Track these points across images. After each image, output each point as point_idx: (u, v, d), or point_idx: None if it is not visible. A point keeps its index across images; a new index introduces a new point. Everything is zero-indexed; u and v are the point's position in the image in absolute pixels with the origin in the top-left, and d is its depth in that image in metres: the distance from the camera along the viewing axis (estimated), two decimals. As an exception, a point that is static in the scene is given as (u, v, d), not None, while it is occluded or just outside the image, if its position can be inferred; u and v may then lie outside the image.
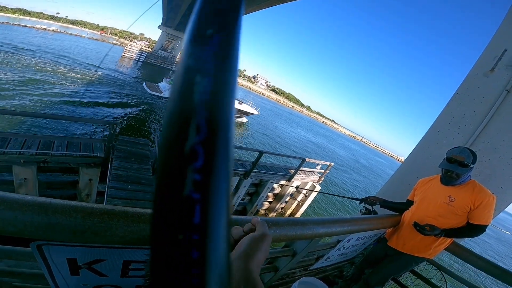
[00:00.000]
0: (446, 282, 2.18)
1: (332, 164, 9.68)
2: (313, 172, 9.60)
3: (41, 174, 4.77)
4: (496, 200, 1.66)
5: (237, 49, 0.17)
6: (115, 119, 11.70)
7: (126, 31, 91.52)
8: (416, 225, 1.77)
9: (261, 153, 7.01)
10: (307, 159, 8.37)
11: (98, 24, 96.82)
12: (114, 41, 66.62)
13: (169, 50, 40.36)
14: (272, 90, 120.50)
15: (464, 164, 1.64)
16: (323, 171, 9.58)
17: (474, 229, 1.71)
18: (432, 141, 2.71)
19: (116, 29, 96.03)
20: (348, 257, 2.22)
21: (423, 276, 2.25)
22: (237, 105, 26.45)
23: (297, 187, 9.13)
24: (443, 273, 2.19)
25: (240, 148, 7.76)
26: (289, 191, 9.14)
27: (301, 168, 8.43)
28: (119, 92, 17.25)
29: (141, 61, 36.01)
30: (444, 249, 1.95)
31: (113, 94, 16.29)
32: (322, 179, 9.59)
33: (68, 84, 15.62)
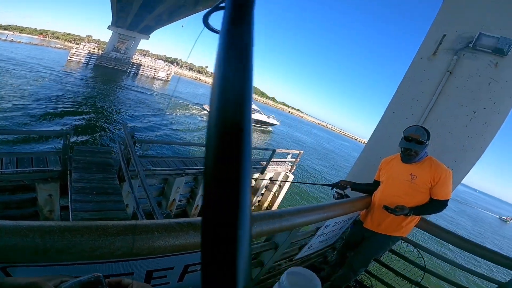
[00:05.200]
0: (423, 258, 2.31)
1: (302, 152, 9.99)
2: (285, 162, 9.82)
3: (-7, 195, 4.30)
4: (452, 173, 1.79)
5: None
6: (68, 129, 10.71)
7: (70, 34, 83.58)
8: (386, 208, 1.84)
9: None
10: (277, 150, 8.52)
11: (35, 28, 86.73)
12: (57, 45, 60.68)
13: (122, 51, 37.73)
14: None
15: (420, 142, 1.74)
16: (294, 159, 9.85)
17: (437, 205, 1.81)
18: (389, 122, 2.92)
19: (58, 32, 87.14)
20: (329, 242, 2.29)
21: (402, 254, 2.37)
22: (263, 118, 28.62)
23: (270, 179, 9.29)
24: (419, 250, 2.32)
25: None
26: (264, 184, 9.28)
27: (273, 159, 8.57)
28: (68, 98, 15.78)
29: (91, 64, 33.38)
30: (415, 226, 2.06)
31: (62, 101, 14.85)
32: (294, 168, 9.86)
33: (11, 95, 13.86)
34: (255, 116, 27.79)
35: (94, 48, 44.36)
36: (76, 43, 62.83)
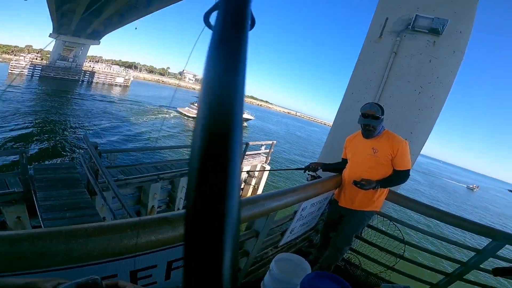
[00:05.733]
0: (400, 231, 2.39)
1: (275, 142, 10.22)
2: (259, 154, 9.97)
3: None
4: (410, 144, 1.95)
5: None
6: (22, 147, 9.77)
7: (7, 45, 74.55)
8: (355, 183, 1.90)
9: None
10: (250, 143, 8.61)
11: None
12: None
13: (70, 59, 34.76)
14: (198, 81, 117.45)
15: (376, 117, 1.85)
16: (268, 150, 10.04)
17: (400, 175, 1.92)
18: (349, 103, 3.12)
19: None
20: (310, 225, 2.32)
21: (381, 229, 2.44)
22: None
23: (248, 172, 9.39)
24: (395, 223, 2.41)
25: (181, 147, 7.49)
26: (242, 178, 9.37)
27: (247, 152, 8.66)
28: (17, 115, 14.27)
29: (36, 76, 30.48)
30: (385, 199, 2.15)
31: (9, 119, 13.40)
32: (269, 159, 10.05)
33: None
34: None
35: (36, 59, 40.28)
36: (15, 55, 56.54)
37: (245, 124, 30.90)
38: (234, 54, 0.21)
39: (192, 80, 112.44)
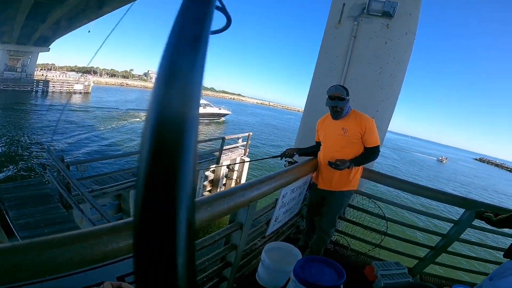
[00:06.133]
0: (380, 208, 2.48)
1: (251, 133, 10.24)
2: (237, 147, 9.98)
3: None
4: (376, 121, 2.05)
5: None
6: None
7: None
8: (330, 163, 1.93)
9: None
10: (226, 137, 8.58)
11: None
12: None
13: (19, 69, 31.67)
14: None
15: (341, 98, 1.93)
16: (245, 143, 10.07)
17: (371, 152, 2.01)
18: (317, 87, 3.23)
19: None
20: (294, 211, 2.33)
21: (362, 208, 2.50)
22: (215, 110, 28.51)
23: (228, 167, 9.38)
24: (373, 200, 2.49)
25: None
26: (223, 173, 9.34)
27: (225, 147, 8.63)
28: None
29: (-20, 90, 27.31)
30: (361, 177, 2.22)
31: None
32: (247, 151, 10.10)
33: None
34: (207, 110, 27.61)
35: (-21, 72, 36.22)
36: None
37: (222, 119, 31.10)
38: (189, 56, 0.20)
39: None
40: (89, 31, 28.49)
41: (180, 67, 0.19)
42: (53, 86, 34.41)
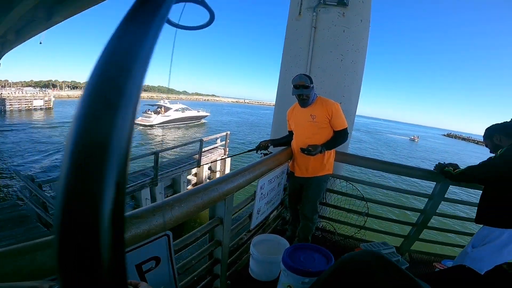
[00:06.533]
0: (358, 189, 2.55)
1: (229, 132, 10.23)
2: (216, 147, 9.94)
3: None
4: (344, 105, 2.14)
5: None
6: None
7: None
8: (302, 150, 1.99)
9: (156, 154, 6.68)
10: (204, 139, 8.53)
11: None
12: None
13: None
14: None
15: (306, 86, 2.00)
16: (224, 142, 10.05)
17: (340, 135, 2.09)
18: (285, 79, 3.31)
19: None
20: (276, 202, 2.36)
21: (341, 191, 2.57)
22: (194, 113, 29.03)
23: (210, 168, 9.32)
24: (351, 182, 2.55)
25: (135, 158, 7.07)
26: (205, 175, 9.27)
27: (204, 149, 8.57)
28: None
29: None
30: (335, 161, 2.29)
31: None
32: (227, 150, 10.09)
33: None
34: (186, 114, 28.32)
35: None
36: None
37: (202, 121, 32.01)
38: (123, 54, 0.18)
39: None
40: (40, 42, 26.47)
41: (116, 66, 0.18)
42: (10, 104, 31.72)
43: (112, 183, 0.16)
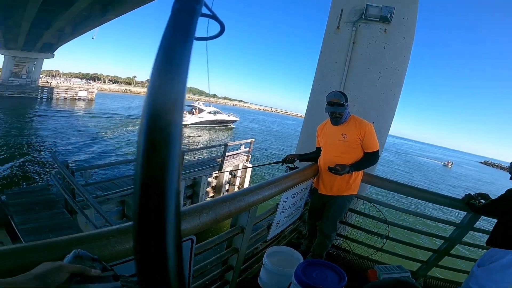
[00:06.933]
0: (381, 211, 2.46)
1: (253, 140, 10.29)
2: (240, 153, 10.01)
3: None
4: (377, 125, 2.06)
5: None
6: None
7: None
8: (330, 169, 1.95)
9: (182, 153, 6.88)
10: (229, 143, 8.64)
11: None
12: None
13: (24, 75, 32.15)
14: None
15: (340, 104, 1.96)
16: (247, 149, 10.10)
17: (370, 157, 2.03)
18: (317, 93, 3.26)
19: None
20: (295, 216, 2.33)
21: (363, 212, 2.50)
22: (225, 117, 29.80)
23: (230, 173, 9.39)
24: (374, 204, 2.46)
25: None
26: (226, 179, 9.34)
27: (227, 153, 8.66)
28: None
29: (-14, 96, 27.70)
30: (361, 182, 2.24)
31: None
32: (249, 157, 10.13)
33: None
34: (217, 117, 28.90)
35: (-15, 78, 36.74)
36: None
37: (231, 125, 32.35)
38: (173, 66, 0.22)
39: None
40: (93, 38, 29.05)
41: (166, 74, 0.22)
42: (57, 93, 34.89)
43: (174, 191, 0.20)
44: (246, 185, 9.94)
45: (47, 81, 37.83)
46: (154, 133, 0.20)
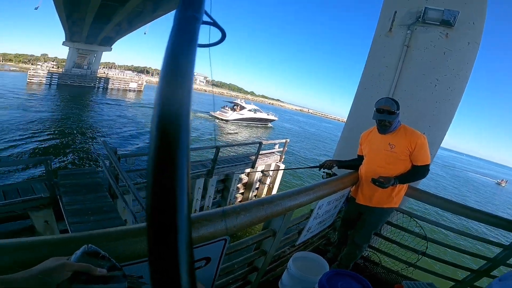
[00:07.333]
0: (422, 227, 2.32)
1: (288, 140, 10.20)
2: (273, 152, 10.00)
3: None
4: (428, 138, 1.89)
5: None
6: (47, 155, 10.34)
7: (23, 54, 77.57)
8: (373, 181, 1.85)
9: (217, 148, 7.06)
10: (264, 142, 8.67)
11: None
12: (11, 68, 56.39)
13: (85, 67, 35.97)
14: (213, 85, 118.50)
15: (391, 112, 1.82)
16: (281, 149, 10.05)
17: (419, 171, 1.89)
18: (362, 98, 3.10)
19: (9, 53, 79.19)
20: (327, 223, 2.29)
21: (401, 226, 2.37)
22: (264, 115, 30.57)
23: (262, 172, 9.44)
24: (415, 219, 2.33)
25: (197, 149, 7.62)
26: (257, 177, 9.41)
27: (261, 152, 8.71)
28: (40, 123, 14.96)
29: (54, 84, 31.61)
30: (404, 195, 2.11)
31: (35, 128, 14.06)
32: (283, 157, 10.06)
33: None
34: (257, 115, 29.71)
35: (53, 67, 41.89)
36: (32, 64, 59.03)
37: (269, 124, 32.78)
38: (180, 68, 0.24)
39: (203, 82, 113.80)
40: (145, 33, 31.35)
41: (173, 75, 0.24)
42: (112, 84, 38.53)
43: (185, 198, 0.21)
44: (276, 185, 9.91)
45: (104, 72, 41.82)
46: (163, 135, 0.21)
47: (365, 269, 2.53)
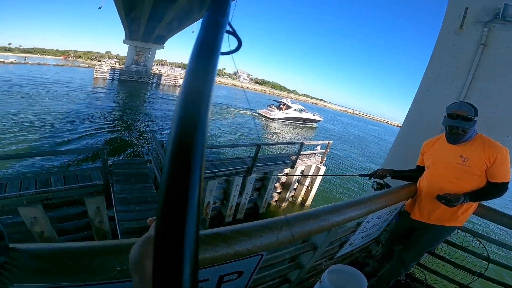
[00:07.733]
0: (485, 248, 2.10)
1: (331, 142, 9.79)
2: (314, 154, 9.71)
3: (48, 211, 4.80)
4: (509, 151, 1.58)
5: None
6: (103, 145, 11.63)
7: (91, 51, 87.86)
8: (439, 198, 1.62)
9: (258, 146, 7.08)
10: (305, 142, 8.45)
11: (57, 49, 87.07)
12: (81, 64, 63.49)
13: (141, 63, 39.43)
14: (256, 83, 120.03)
15: (467, 118, 1.56)
16: (323, 151, 9.70)
17: (496, 189, 1.62)
18: (424, 101, 2.80)
19: (79, 51, 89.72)
20: (372, 237, 2.13)
21: (460, 245, 2.16)
22: (310, 115, 30.63)
23: (302, 173, 9.22)
24: (479, 239, 2.12)
25: (236, 146, 7.70)
26: (296, 178, 9.22)
27: (302, 152, 8.51)
28: (102, 115, 16.87)
29: (116, 79, 34.98)
30: (472, 213, 1.86)
31: (97, 119, 15.90)
32: (324, 159, 9.71)
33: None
34: (302, 115, 29.57)
35: (115, 64, 46.77)
36: (98, 60, 66.41)
37: (314, 125, 32.16)
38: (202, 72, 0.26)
39: (246, 80, 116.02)
40: (192, 31, 33.04)
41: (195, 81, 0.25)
42: (164, 80, 41.63)
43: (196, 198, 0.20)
44: (315, 186, 9.59)
45: (157, 69, 45.32)
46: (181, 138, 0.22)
47: (407, 286, 2.35)
